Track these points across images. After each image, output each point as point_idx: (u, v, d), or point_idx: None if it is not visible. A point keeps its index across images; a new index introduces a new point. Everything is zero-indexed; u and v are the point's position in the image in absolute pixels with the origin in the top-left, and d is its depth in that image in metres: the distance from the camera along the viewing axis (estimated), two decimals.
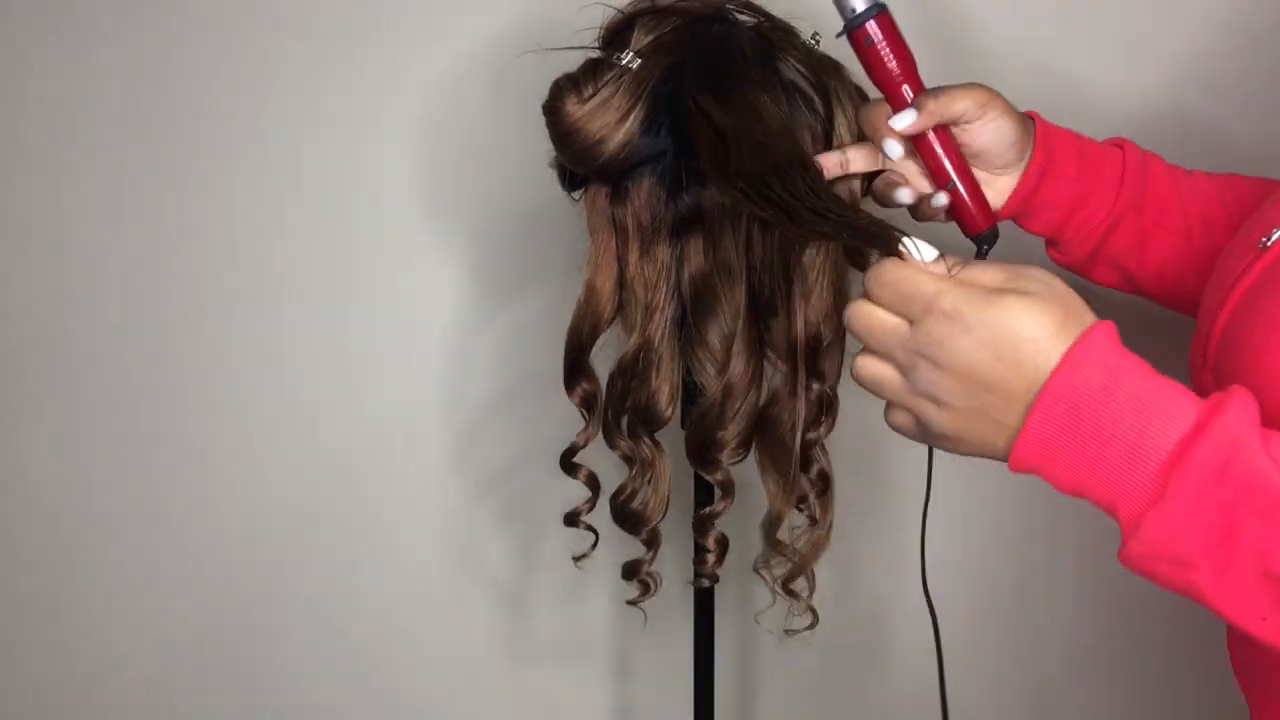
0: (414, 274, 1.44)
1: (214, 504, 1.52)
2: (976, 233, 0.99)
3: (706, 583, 1.14)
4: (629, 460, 1.08)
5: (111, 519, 1.53)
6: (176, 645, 1.57)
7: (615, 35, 1.02)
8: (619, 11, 1.03)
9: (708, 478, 1.06)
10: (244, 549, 1.53)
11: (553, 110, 1.00)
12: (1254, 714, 0.89)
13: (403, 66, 1.37)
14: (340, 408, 1.48)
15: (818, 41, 1.03)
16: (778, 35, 1.02)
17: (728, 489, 1.07)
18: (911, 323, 0.70)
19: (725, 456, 1.04)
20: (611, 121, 0.98)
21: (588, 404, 1.09)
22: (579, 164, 1.01)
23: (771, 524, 1.11)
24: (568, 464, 1.13)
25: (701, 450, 1.05)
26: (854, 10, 0.94)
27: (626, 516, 1.10)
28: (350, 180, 1.41)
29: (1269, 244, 0.83)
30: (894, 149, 0.96)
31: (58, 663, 1.58)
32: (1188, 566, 0.66)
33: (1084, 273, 1.06)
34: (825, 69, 1.02)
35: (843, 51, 0.99)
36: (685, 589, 1.28)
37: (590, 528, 1.16)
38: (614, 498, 1.11)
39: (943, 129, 0.96)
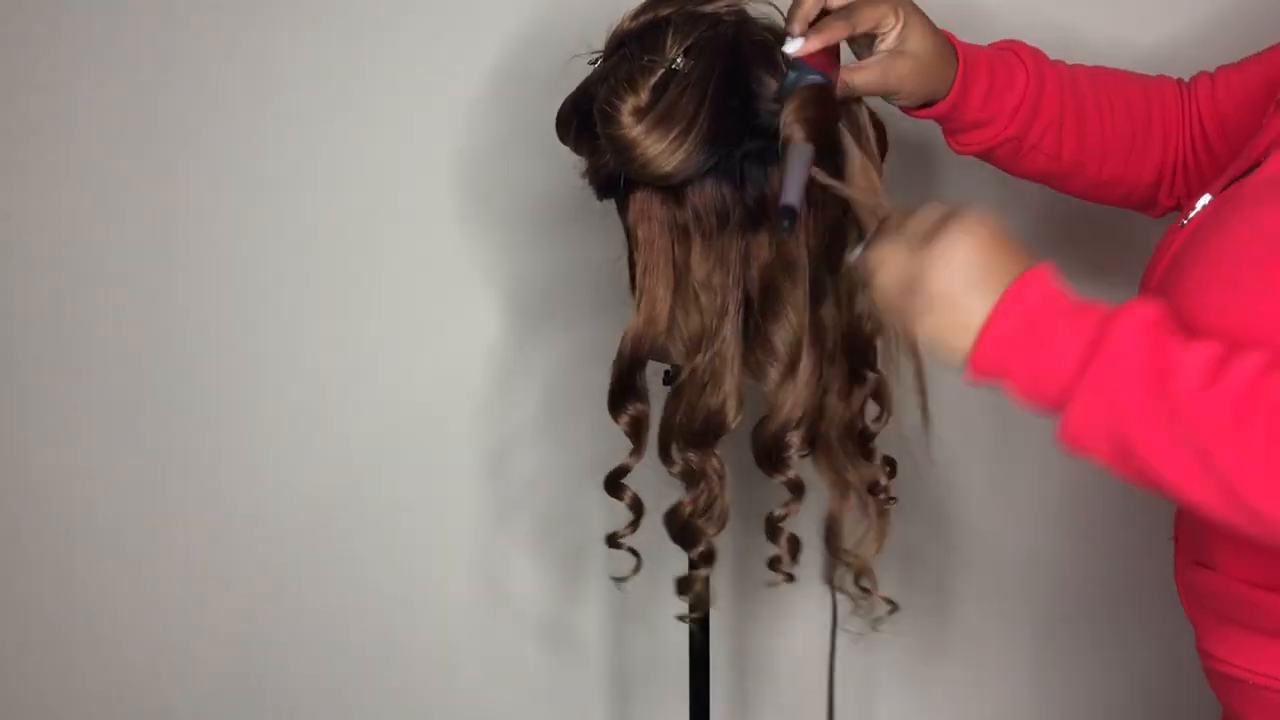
0: (445, 284, 1.45)
1: (233, 515, 1.52)
2: None
3: (784, 584, 1.13)
4: (690, 476, 1.06)
5: (117, 525, 1.53)
6: (191, 656, 1.56)
7: (643, 38, 1.00)
8: (646, 15, 1.01)
9: (777, 479, 1.05)
10: (264, 562, 1.53)
11: (611, 122, 0.97)
12: (1199, 638, 0.96)
13: (440, 72, 1.39)
14: (363, 417, 1.49)
15: None
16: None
17: (797, 489, 1.07)
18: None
19: (794, 457, 1.04)
20: (679, 130, 0.95)
21: (636, 426, 1.07)
22: (643, 175, 0.98)
23: (832, 527, 1.11)
24: (614, 486, 1.11)
25: (770, 453, 1.04)
26: None
27: (688, 533, 1.08)
28: (383, 188, 1.43)
29: (1186, 223, 0.93)
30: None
31: (62, 668, 1.58)
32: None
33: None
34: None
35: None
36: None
37: (633, 550, 1.15)
38: (672, 515, 1.09)
39: None
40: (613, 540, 1.14)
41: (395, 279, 1.45)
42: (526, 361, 1.45)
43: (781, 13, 1.03)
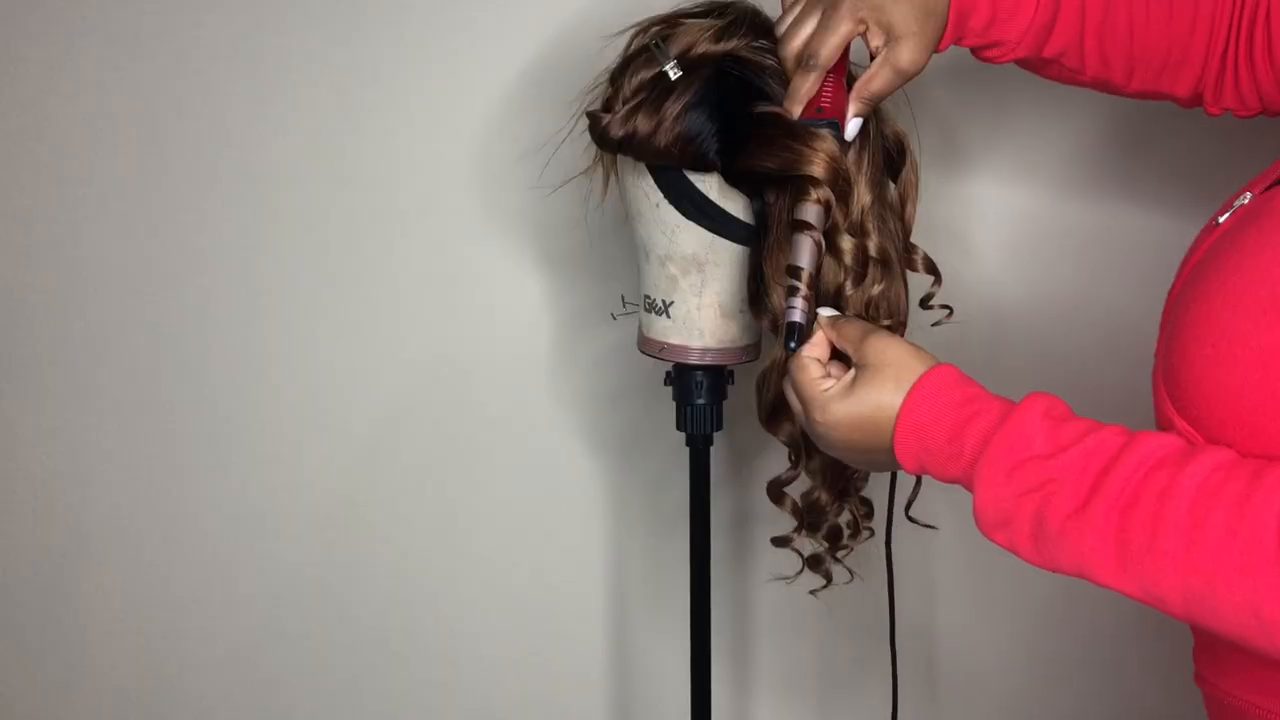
0: (456, 285, 1.45)
1: (239, 514, 1.52)
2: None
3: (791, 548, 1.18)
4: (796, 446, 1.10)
5: (119, 524, 1.53)
6: (197, 655, 1.56)
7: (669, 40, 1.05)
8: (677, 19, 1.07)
9: (780, 439, 1.10)
10: (269, 562, 1.54)
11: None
12: (1195, 653, 0.94)
13: (460, 69, 1.39)
14: (370, 419, 1.49)
15: None
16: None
17: (797, 447, 1.10)
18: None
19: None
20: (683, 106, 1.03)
21: (794, 440, 1.10)
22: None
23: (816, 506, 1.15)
24: (776, 494, 1.15)
25: (773, 412, 1.08)
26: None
27: (816, 514, 1.14)
28: (395, 187, 1.43)
29: (1221, 222, 0.90)
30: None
31: (65, 667, 1.58)
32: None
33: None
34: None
35: None
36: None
37: (799, 552, 1.18)
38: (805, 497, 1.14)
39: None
40: (781, 542, 1.17)
41: (404, 280, 1.45)
42: (536, 364, 1.46)
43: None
